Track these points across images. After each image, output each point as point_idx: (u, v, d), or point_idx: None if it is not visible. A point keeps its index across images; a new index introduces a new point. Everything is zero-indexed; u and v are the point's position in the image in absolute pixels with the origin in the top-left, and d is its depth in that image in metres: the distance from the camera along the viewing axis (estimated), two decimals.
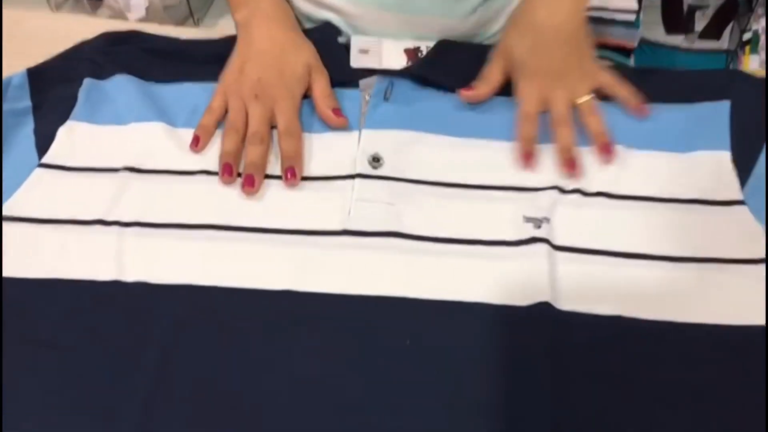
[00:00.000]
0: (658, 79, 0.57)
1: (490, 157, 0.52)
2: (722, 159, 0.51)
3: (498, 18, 0.64)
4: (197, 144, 0.52)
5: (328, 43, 0.59)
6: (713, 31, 0.72)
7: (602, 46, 0.78)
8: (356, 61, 0.58)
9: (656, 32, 0.76)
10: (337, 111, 0.53)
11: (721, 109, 0.54)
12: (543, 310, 0.43)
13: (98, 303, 0.45)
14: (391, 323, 0.44)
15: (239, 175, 0.51)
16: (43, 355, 0.43)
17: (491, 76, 0.56)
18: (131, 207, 0.49)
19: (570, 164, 0.51)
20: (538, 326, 0.43)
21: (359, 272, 0.46)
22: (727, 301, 0.44)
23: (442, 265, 0.46)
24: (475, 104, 0.55)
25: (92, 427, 0.40)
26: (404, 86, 0.56)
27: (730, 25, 0.78)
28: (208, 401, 0.40)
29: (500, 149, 0.52)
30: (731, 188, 0.50)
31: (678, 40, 0.75)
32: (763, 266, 0.45)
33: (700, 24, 0.75)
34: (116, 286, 0.45)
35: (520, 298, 0.44)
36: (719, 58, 0.80)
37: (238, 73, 0.55)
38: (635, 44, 0.75)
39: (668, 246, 0.47)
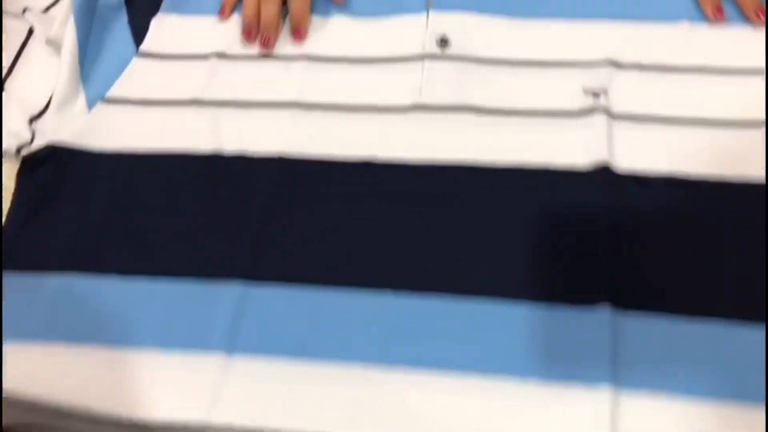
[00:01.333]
0: None
1: (550, 36, 0.54)
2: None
3: None
4: (223, 12, 0.59)
5: None
6: None
7: None
8: None
9: None
10: None
11: None
12: (602, 172, 0.47)
13: (200, 173, 0.51)
14: (464, 188, 0.48)
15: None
16: (153, 220, 0.49)
17: None
18: (223, 88, 0.54)
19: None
20: (597, 187, 0.47)
21: (433, 142, 0.50)
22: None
23: (510, 134, 0.50)
24: None
25: (200, 286, 0.46)
26: None
27: None
28: (304, 260, 0.46)
29: (558, 29, 0.55)
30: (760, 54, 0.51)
31: None
32: None
33: None
34: (216, 158, 0.51)
35: (582, 162, 0.48)
36: None
37: None
38: None
39: (724, 109, 0.49)
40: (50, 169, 0.52)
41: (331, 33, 0.57)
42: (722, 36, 0.54)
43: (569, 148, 0.49)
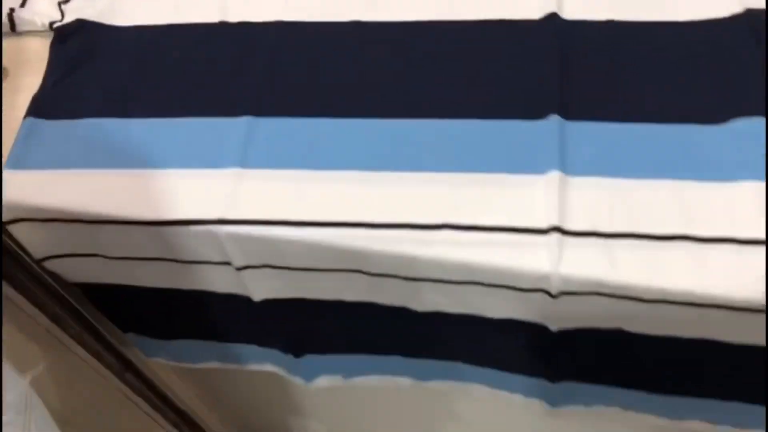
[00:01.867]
0: None
1: None
2: None
3: None
4: None
5: None
6: None
7: None
8: None
9: None
10: None
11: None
12: (552, 19, 0.56)
13: (210, 37, 0.59)
14: (435, 38, 0.57)
15: None
16: (171, 74, 0.57)
17: None
18: None
19: None
20: (548, 32, 0.56)
21: (410, 5, 0.59)
22: (700, 2, 0.55)
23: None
24: None
25: (213, 120, 0.54)
26: None
27: None
28: (305, 93, 0.55)
29: None
30: None
31: None
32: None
33: None
34: (223, 25, 0.60)
35: (535, 15, 0.57)
36: None
37: None
38: None
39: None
40: (80, 38, 0.60)
41: None
42: None
43: (524, 5, 0.58)
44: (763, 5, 0.55)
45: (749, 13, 0.54)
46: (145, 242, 0.53)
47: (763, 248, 0.45)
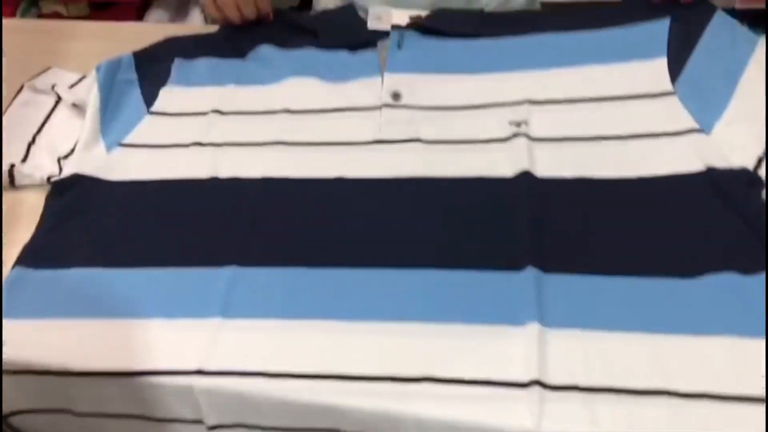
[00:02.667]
0: (608, 13, 0.74)
1: (480, 87, 0.69)
2: (660, 63, 0.67)
3: None
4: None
5: (349, 16, 0.78)
6: None
7: None
8: (372, 24, 0.76)
9: None
10: None
11: (663, 25, 0.69)
12: (524, 176, 0.59)
13: (199, 191, 0.62)
14: (413, 193, 0.60)
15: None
16: (159, 225, 0.59)
17: None
18: (219, 134, 0.67)
19: None
20: (522, 187, 0.59)
21: (390, 163, 0.62)
22: (662, 159, 0.59)
23: (452, 156, 0.63)
24: (465, 49, 0.72)
25: (198, 271, 0.55)
26: (413, 36, 0.74)
27: None
28: (288, 245, 0.57)
29: (486, 80, 0.69)
30: (665, 84, 0.65)
31: None
32: (690, 135, 0.60)
33: None
34: (214, 180, 0.62)
35: (508, 172, 0.60)
36: None
37: None
38: None
39: (617, 128, 0.63)
40: (74, 191, 0.62)
41: (305, 93, 0.70)
42: (616, 71, 0.68)
43: (498, 164, 0.61)
44: (724, 164, 0.58)
45: (710, 171, 0.58)
46: (117, 396, 0.51)
47: (741, 404, 0.44)
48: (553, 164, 0.61)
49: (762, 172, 0.57)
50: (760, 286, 0.50)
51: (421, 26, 0.75)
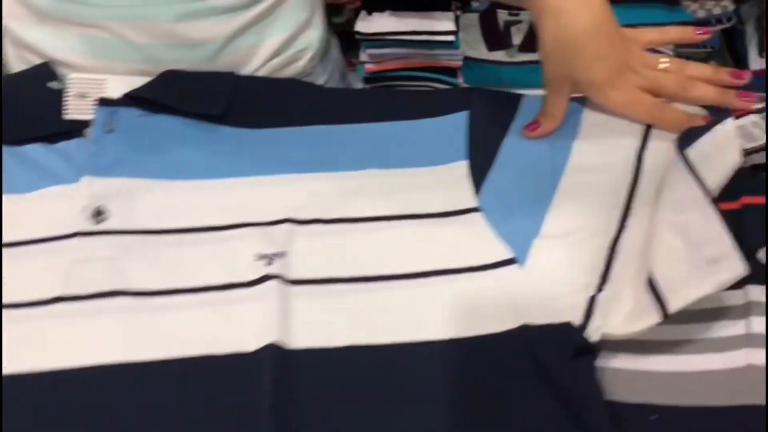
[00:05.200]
0: (402, 99, 0.61)
1: (226, 198, 0.51)
2: (459, 169, 0.53)
3: (256, 53, 0.63)
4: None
5: (40, 89, 0.56)
6: (530, 43, 0.79)
7: (429, 69, 0.83)
8: (73, 109, 0.53)
9: (479, 50, 0.85)
10: None
11: (459, 119, 0.56)
12: (271, 352, 0.42)
13: None
14: (112, 394, 0.41)
15: None
16: None
17: (556, 110, 0.54)
18: None
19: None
20: (265, 369, 0.42)
21: (75, 342, 0.43)
22: (464, 311, 0.45)
23: (169, 321, 0.44)
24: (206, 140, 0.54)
25: None
26: (130, 114, 0.53)
27: None
28: None
29: (235, 188, 0.52)
30: (466, 197, 0.51)
31: (500, 55, 0.85)
32: (500, 269, 0.47)
33: (517, 38, 0.85)
34: None
35: (249, 343, 0.43)
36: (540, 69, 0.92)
37: None
38: (460, 63, 0.81)
39: (404, 263, 0.47)
40: None
41: None
42: (405, 179, 0.53)
43: (236, 329, 0.44)
44: (542, 317, 0.45)
45: (524, 331, 0.45)
46: None
47: None
48: (316, 325, 0.45)
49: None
50: None
51: (142, 100, 0.54)
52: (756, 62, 0.78)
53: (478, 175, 0.53)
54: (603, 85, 0.53)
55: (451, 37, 0.78)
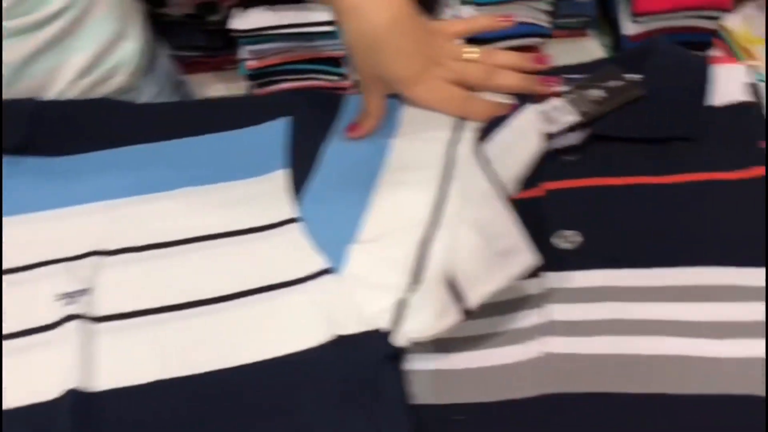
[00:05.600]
0: (221, 109, 0.58)
1: (25, 234, 0.48)
2: (277, 179, 0.52)
3: (58, 75, 0.59)
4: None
5: None
6: None
7: (313, 60, 0.80)
8: None
9: None
10: None
11: (278, 127, 0.55)
12: (72, 397, 0.40)
13: None
14: None
15: None
16: None
17: (374, 109, 0.54)
18: None
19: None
20: (65, 417, 0.40)
21: None
22: (278, 329, 0.44)
23: None
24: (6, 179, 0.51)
25: None
26: None
27: None
28: None
29: (35, 221, 0.49)
30: (285, 207, 0.50)
31: None
32: (315, 281, 0.46)
33: None
34: None
35: (50, 391, 0.41)
36: None
37: None
38: (343, 53, 0.78)
39: (222, 285, 0.46)
40: None
41: None
42: (219, 195, 0.51)
43: (35, 379, 0.42)
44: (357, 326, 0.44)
45: (339, 342, 0.44)
46: None
47: None
48: (123, 363, 0.42)
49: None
50: None
51: None
52: (629, 28, 0.79)
53: (298, 183, 0.52)
54: (409, 81, 0.53)
55: (330, 27, 0.75)
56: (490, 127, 0.52)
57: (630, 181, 0.49)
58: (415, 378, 0.43)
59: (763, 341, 0.40)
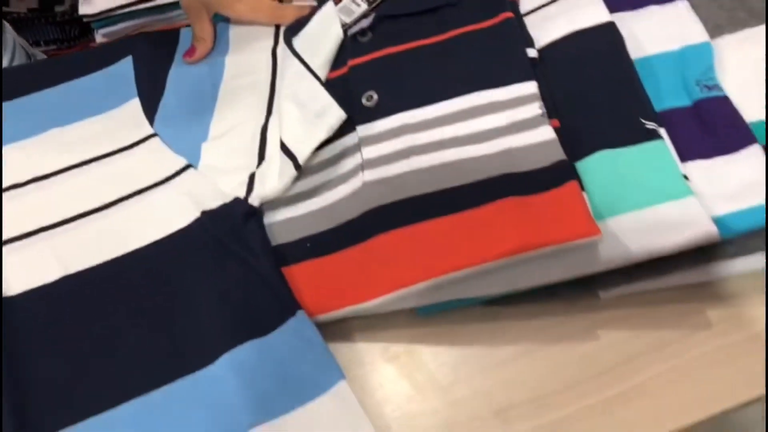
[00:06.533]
0: (69, 61, 0.69)
1: None
2: (132, 106, 0.62)
3: None
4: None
5: None
6: None
7: None
8: None
9: None
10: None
11: (125, 65, 0.66)
12: None
13: None
14: None
15: None
16: None
17: (204, 33, 0.64)
18: None
19: None
20: None
21: None
22: (156, 217, 0.54)
23: None
24: None
25: None
26: None
27: None
28: None
29: None
30: (143, 127, 0.60)
31: None
32: (180, 176, 0.56)
33: None
34: None
35: None
36: None
37: None
38: None
39: (102, 196, 0.56)
40: None
41: None
42: (91, 128, 0.61)
43: None
44: (217, 201, 0.54)
45: (205, 216, 0.54)
46: None
47: None
48: (32, 270, 0.51)
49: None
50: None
51: None
52: None
53: (151, 106, 0.62)
54: (228, 0, 0.63)
55: None
56: (299, 25, 0.63)
57: (412, 46, 0.61)
58: (272, 227, 0.55)
59: (518, 142, 0.53)
